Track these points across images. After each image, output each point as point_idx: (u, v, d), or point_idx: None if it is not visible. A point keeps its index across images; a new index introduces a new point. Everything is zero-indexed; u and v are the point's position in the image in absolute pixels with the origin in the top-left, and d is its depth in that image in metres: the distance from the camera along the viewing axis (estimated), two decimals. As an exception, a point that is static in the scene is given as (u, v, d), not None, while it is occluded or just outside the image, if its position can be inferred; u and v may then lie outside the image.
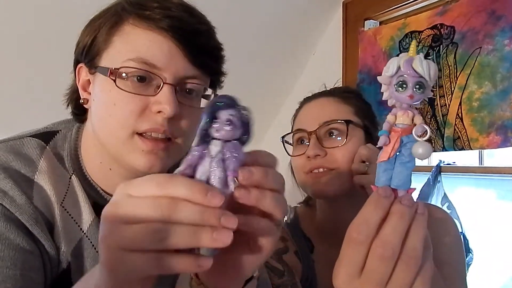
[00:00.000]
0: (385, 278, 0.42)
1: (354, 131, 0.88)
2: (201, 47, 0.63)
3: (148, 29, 0.61)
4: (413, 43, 0.43)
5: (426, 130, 0.42)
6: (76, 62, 0.69)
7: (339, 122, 0.88)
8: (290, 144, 0.97)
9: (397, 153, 0.43)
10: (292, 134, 0.95)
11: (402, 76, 0.42)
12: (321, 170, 0.86)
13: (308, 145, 0.88)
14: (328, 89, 1.02)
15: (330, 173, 0.85)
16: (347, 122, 0.87)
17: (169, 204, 0.36)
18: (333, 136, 0.88)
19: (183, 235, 0.36)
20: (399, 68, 0.42)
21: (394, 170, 0.43)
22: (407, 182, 0.43)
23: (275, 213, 0.40)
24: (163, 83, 0.61)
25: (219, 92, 0.74)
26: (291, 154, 0.94)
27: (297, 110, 0.99)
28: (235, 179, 0.39)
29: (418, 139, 0.42)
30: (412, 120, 0.43)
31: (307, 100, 0.98)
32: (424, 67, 0.41)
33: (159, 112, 0.61)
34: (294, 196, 0.99)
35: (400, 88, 0.42)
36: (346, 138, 0.86)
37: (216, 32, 0.69)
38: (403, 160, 0.43)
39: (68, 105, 0.73)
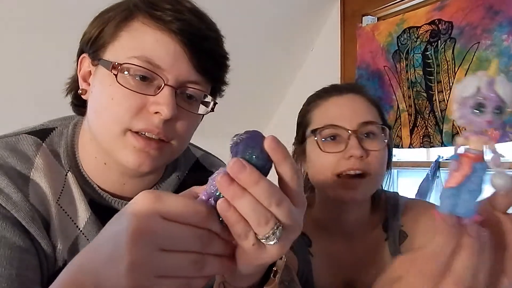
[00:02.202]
0: None
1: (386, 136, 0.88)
2: (207, 53, 0.63)
3: (157, 29, 0.60)
4: (495, 63, 0.40)
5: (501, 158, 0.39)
6: (80, 52, 0.68)
7: (380, 125, 0.86)
8: (301, 138, 0.92)
9: (466, 180, 0.40)
10: (322, 128, 0.86)
11: (481, 99, 0.38)
12: (351, 172, 0.83)
13: (346, 143, 0.82)
14: (350, 83, 1.00)
15: (365, 179, 0.83)
16: (388, 127, 0.87)
17: (208, 238, 0.40)
18: (369, 138, 0.85)
19: (216, 265, 0.41)
20: (478, 89, 0.38)
21: (461, 197, 0.40)
22: (472, 210, 0.40)
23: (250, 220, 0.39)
24: (164, 84, 0.60)
25: (219, 100, 0.73)
26: (323, 150, 0.85)
27: (318, 102, 0.91)
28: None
29: (495, 168, 0.39)
30: (485, 146, 0.40)
31: (332, 92, 0.91)
32: (508, 90, 0.38)
33: (156, 113, 0.60)
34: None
35: (477, 111, 0.38)
36: (384, 143, 0.86)
37: (224, 41, 0.68)
38: (472, 188, 0.40)
39: (67, 94, 0.72)
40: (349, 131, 0.83)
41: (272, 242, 0.40)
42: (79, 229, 0.66)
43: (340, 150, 0.83)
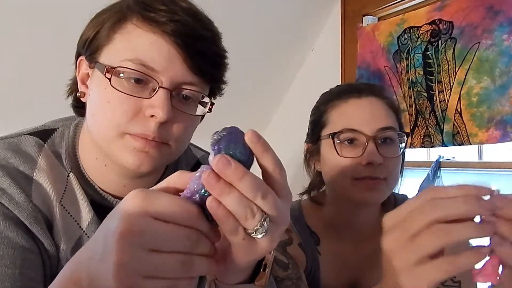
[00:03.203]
0: None
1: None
2: (202, 53, 0.62)
3: (150, 31, 0.60)
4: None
5: None
6: (78, 55, 0.68)
7: (399, 133, 0.86)
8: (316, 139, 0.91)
9: None
10: (340, 132, 0.85)
11: None
12: (371, 178, 0.83)
13: (364, 148, 0.82)
14: (368, 84, 0.99)
15: (381, 183, 0.84)
16: (407, 134, 0.87)
17: (197, 238, 0.40)
18: (386, 144, 0.85)
19: (203, 266, 0.41)
20: None
21: None
22: None
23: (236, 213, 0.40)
24: (159, 86, 0.60)
25: (219, 99, 0.73)
26: (340, 154, 0.84)
27: (336, 102, 0.90)
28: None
29: None
30: None
31: (351, 93, 0.89)
32: None
33: (152, 116, 0.60)
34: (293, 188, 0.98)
35: None
36: (403, 150, 0.87)
37: (221, 38, 0.67)
38: None
39: (68, 96, 0.72)
40: (368, 137, 0.82)
41: (260, 235, 0.40)
42: (82, 229, 0.66)
43: (357, 155, 0.83)
